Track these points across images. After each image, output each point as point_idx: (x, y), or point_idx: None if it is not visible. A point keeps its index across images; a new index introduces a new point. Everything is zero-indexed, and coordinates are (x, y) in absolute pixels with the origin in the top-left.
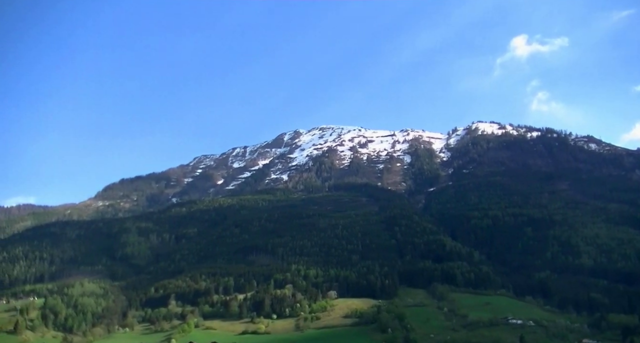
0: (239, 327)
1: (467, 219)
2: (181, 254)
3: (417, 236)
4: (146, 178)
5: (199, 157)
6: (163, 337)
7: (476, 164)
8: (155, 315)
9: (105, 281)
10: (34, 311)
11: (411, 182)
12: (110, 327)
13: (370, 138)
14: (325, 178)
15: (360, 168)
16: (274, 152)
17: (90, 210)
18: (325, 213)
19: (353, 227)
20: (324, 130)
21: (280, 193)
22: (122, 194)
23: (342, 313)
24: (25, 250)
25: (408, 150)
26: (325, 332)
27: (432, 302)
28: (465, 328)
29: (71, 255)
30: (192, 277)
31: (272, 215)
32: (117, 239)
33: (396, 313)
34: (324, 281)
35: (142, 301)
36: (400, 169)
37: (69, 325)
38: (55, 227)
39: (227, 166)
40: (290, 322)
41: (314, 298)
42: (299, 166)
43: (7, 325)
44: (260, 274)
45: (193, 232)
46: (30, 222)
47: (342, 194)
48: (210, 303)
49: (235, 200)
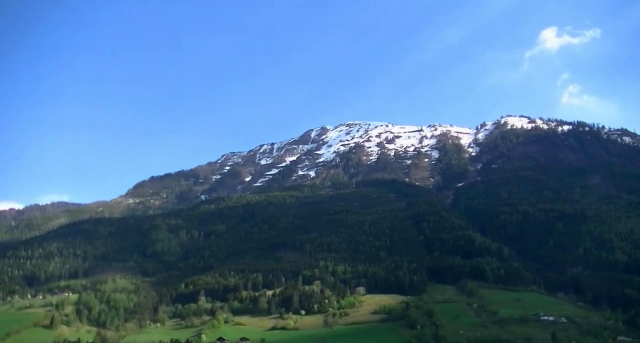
0: (267, 322)
1: (496, 215)
2: (210, 251)
3: (446, 232)
4: (175, 175)
5: (227, 154)
6: (193, 332)
7: (505, 158)
8: (186, 311)
9: (137, 277)
10: (69, 306)
11: (439, 177)
12: (142, 322)
13: (398, 133)
14: (352, 174)
15: (387, 164)
16: (301, 148)
17: (121, 208)
18: (353, 209)
19: (381, 223)
20: (351, 126)
21: (307, 190)
22: (152, 192)
23: (371, 310)
24: (59, 247)
25: (436, 145)
26: (354, 328)
27: (462, 298)
28: (495, 325)
29: (103, 251)
30: (221, 273)
31: (299, 211)
32: (147, 236)
33: (425, 310)
34: (352, 277)
35: (172, 297)
36: (428, 164)
37: (102, 320)
38: (87, 224)
39: (254, 163)
40: (319, 318)
41: (342, 295)
42: (326, 162)
43: (44, 320)
44: (289, 270)
45: (222, 229)
46: (64, 219)
47: (369, 190)
48: (240, 299)
49: (263, 196)
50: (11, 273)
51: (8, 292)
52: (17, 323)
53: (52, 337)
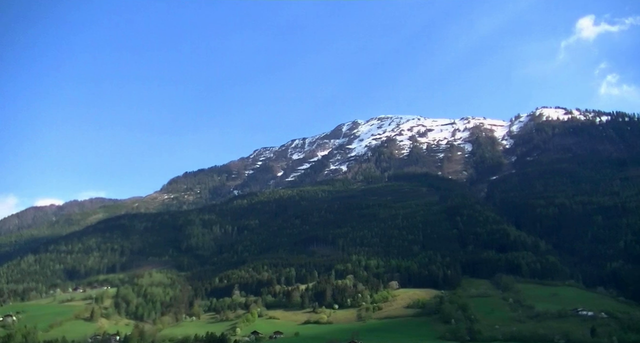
0: (301, 316)
1: (531, 208)
2: (243, 245)
3: (480, 226)
4: (208, 171)
5: (259, 149)
6: (228, 326)
7: (541, 150)
8: (220, 305)
9: (172, 271)
10: (108, 300)
11: (472, 170)
12: (178, 315)
13: (430, 127)
14: (384, 168)
15: (419, 157)
16: (333, 143)
17: (156, 203)
18: (385, 203)
19: (413, 217)
20: (383, 120)
21: (339, 184)
22: (185, 187)
23: (404, 304)
24: (98, 242)
25: (469, 138)
26: (387, 322)
27: (497, 293)
28: (532, 320)
29: (140, 246)
30: (254, 268)
31: (331, 206)
32: (182, 231)
33: (459, 304)
34: (385, 271)
35: (207, 291)
36: (461, 157)
37: (140, 313)
38: (124, 219)
39: (286, 158)
40: (352, 312)
41: (375, 289)
42: (358, 156)
43: (84, 313)
44: (321, 265)
45: (254, 224)
46: (101, 214)
47: (401, 184)
48: (273, 293)
49: (295, 191)
50: (53, 267)
51: (50, 285)
52: (59, 316)
53: (93, 329)
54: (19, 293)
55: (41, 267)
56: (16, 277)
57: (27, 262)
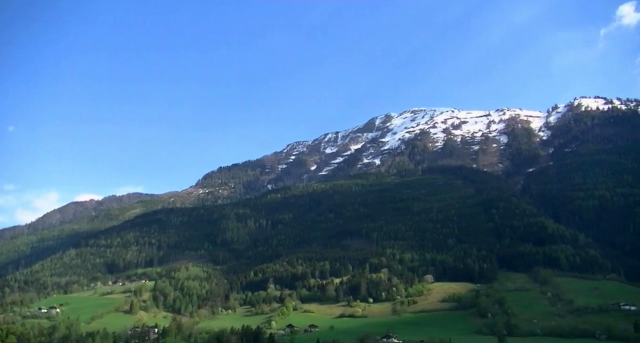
0: (336, 310)
1: (570, 200)
2: (278, 239)
3: (516, 219)
4: (242, 165)
5: (292, 143)
6: (264, 319)
7: (579, 141)
8: (256, 298)
9: (208, 265)
10: (146, 293)
11: (508, 162)
12: (214, 308)
13: (464, 119)
14: (418, 161)
15: (454, 150)
16: (366, 136)
17: (191, 198)
18: (419, 196)
19: (448, 211)
20: (416, 113)
21: (372, 178)
22: (220, 182)
23: (440, 298)
24: (136, 236)
25: (504, 130)
26: (422, 316)
27: (534, 287)
28: (571, 314)
29: (176, 240)
30: (289, 262)
31: (365, 199)
32: (217, 225)
33: (496, 298)
34: (419, 265)
35: (242, 284)
36: (496, 149)
37: (177, 307)
38: (161, 214)
39: (319, 152)
40: (387, 305)
41: (410, 282)
42: (391, 150)
43: (124, 306)
44: (356, 258)
45: (288, 218)
46: (139, 209)
47: (436, 177)
48: (307, 287)
49: (328, 185)
50: (93, 261)
51: (91, 278)
52: (100, 308)
53: (132, 321)
54: (62, 286)
55: (82, 261)
56: (59, 270)
57: (69, 256)
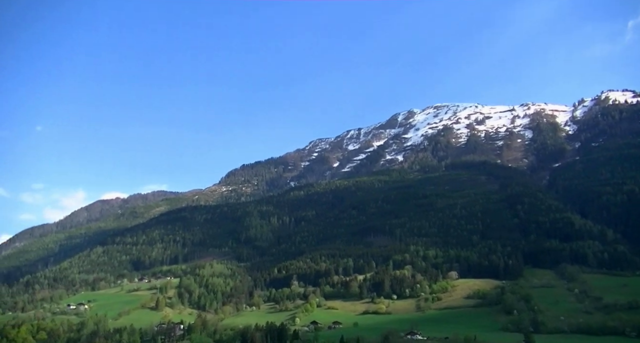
0: (359, 307)
1: (597, 195)
2: (301, 236)
3: (542, 214)
4: (265, 163)
5: (315, 140)
6: (288, 316)
7: (607, 136)
8: (279, 295)
9: (232, 262)
10: (171, 290)
11: (533, 158)
12: (239, 305)
13: (488, 114)
14: (441, 157)
15: (478, 145)
16: (388, 132)
17: (215, 195)
18: (443, 193)
19: (472, 207)
20: (439, 109)
21: (395, 174)
22: (243, 179)
23: (464, 294)
24: (161, 234)
25: (529, 124)
26: (447, 313)
27: (561, 283)
28: (600, 311)
29: (200, 237)
30: (312, 259)
31: (388, 196)
32: (240, 222)
33: (522, 295)
34: (443, 262)
35: (266, 281)
36: (521, 144)
37: (202, 303)
38: (185, 211)
39: (342, 148)
40: (411, 302)
41: (434, 279)
42: (414, 146)
43: (150, 302)
44: (379, 255)
45: (311, 215)
46: (163, 207)
47: (459, 173)
48: (331, 283)
49: (351, 182)
50: (120, 258)
51: (118, 275)
52: (127, 305)
53: (158, 318)
54: (90, 283)
55: (109, 258)
56: (87, 267)
57: (96, 253)
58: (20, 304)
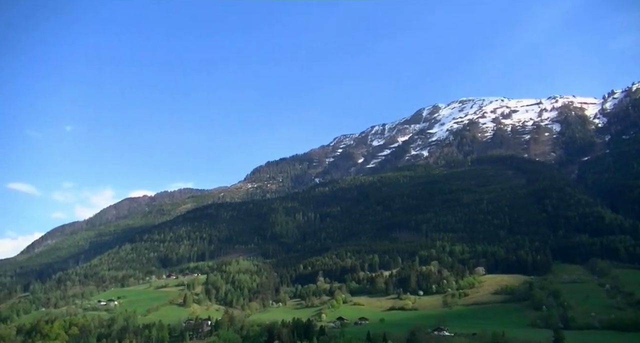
0: (385, 303)
1: (629, 189)
2: (326, 232)
3: (571, 209)
4: (290, 160)
5: (339, 136)
6: (314, 312)
7: (638, 128)
8: (305, 291)
9: (258, 259)
10: (199, 286)
11: (561, 151)
12: (265, 301)
13: (514, 108)
14: (467, 152)
15: (504, 140)
16: (413, 128)
17: (240, 192)
18: (469, 188)
19: (499, 201)
20: (464, 103)
21: (421, 170)
22: (268, 176)
23: (492, 290)
24: (187, 231)
25: (557, 118)
26: (474, 309)
27: (591, 279)
28: (632, 307)
29: (226, 234)
30: (338, 255)
31: (413, 191)
32: (266, 219)
33: (551, 290)
34: (470, 257)
35: (292, 277)
36: (548, 138)
37: (229, 299)
38: (211, 208)
39: (366, 144)
40: (438, 298)
41: (460, 275)
42: (439, 141)
43: (178, 299)
44: (405, 251)
45: (336, 211)
46: (190, 204)
47: (485, 168)
48: (357, 279)
49: (376, 177)
50: (148, 255)
51: (146, 272)
52: (155, 301)
53: (186, 314)
54: (119, 279)
55: (137, 255)
56: (116, 264)
57: (125, 250)
58: (53, 300)
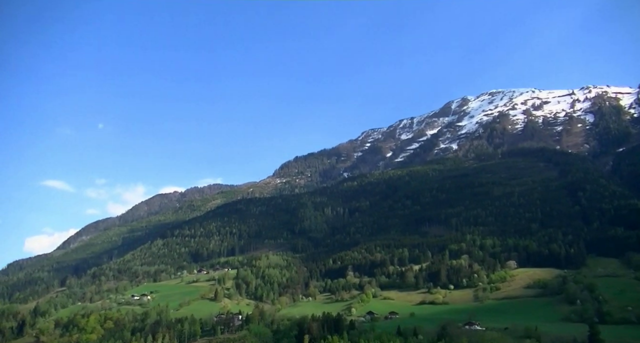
0: (416, 297)
1: None
2: (355, 227)
3: (605, 201)
4: (318, 154)
5: (367, 131)
6: (344, 306)
7: None
8: (335, 286)
9: (287, 253)
10: (229, 281)
11: (595, 143)
12: (295, 296)
13: (546, 99)
14: (497, 144)
15: (535, 131)
16: (442, 121)
17: (269, 187)
18: (499, 180)
19: (531, 194)
20: (494, 95)
21: (450, 163)
22: (297, 171)
23: (524, 284)
24: (217, 226)
25: (590, 108)
26: (506, 303)
27: (627, 272)
28: None
29: (256, 229)
30: (367, 249)
31: (443, 185)
32: (295, 214)
33: (585, 284)
34: (501, 251)
35: (321, 272)
36: (581, 129)
37: (259, 294)
38: (241, 204)
39: (394, 138)
40: (468, 292)
41: (492, 269)
42: (469, 134)
43: (209, 293)
44: (435, 245)
45: (365, 205)
46: (219, 200)
47: (516, 160)
48: (386, 274)
49: (404, 171)
50: (179, 250)
51: (178, 267)
52: (187, 296)
53: (217, 308)
54: (151, 274)
55: (169, 250)
56: (148, 259)
57: (157, 246)
58: (89, 295)
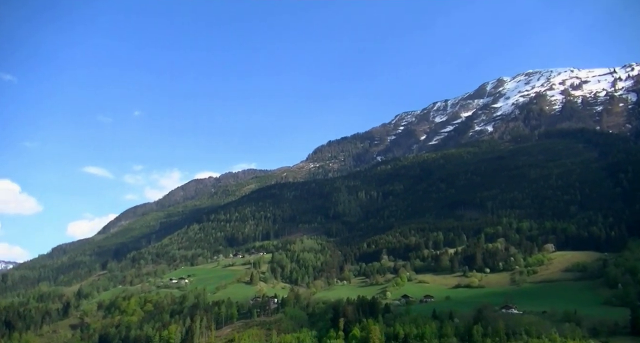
0: (451, 280)
1: None
2: (389, 210)
3: None
4: (351, 138)
5: (400, 114)
6: (378, 289)
7: None
8: (369, 269)
9: (322, 237)
10: (264, 265)
11: (638, 122)
12: (330, 279)
13: (585, 78)
14: (534, 126)
15: (574, 112)
16: (477, 103)
17: (303, 172)
18: (536, 163)
19: (569, 176)
20: (530, 75)
21: (485, 145)
22: (330, 155)
23: (562, 267)
24: (252, 211)
25: (633, 87)
26: (543, 287)
27: None
28: None
29: (290, 214)
30: (401, 233)
31: (478, 168)
32: (329, 198)
33: (627, 267)
34: (538, 234)
35: (356, 256)
36: (623, 109)
37: (294, 278)
38: (275, 189)
39: (428, 121)
40: (505, 275)
41: (528, 252)
42: (504, 115)
43: (245, 277)
44: (470, 228)
45: (399, 189)
46: (254, 185)
47: (554, 142)
48: (421, 257)
49: (439, 154)
50: (215, 235)
51: (214, 251)
52: (223, 279)
53: (253, 292)
54: (189, 258)
55: (205, 235)
56: (185, 244)
57: (193, 230)
58: (129, 278)
